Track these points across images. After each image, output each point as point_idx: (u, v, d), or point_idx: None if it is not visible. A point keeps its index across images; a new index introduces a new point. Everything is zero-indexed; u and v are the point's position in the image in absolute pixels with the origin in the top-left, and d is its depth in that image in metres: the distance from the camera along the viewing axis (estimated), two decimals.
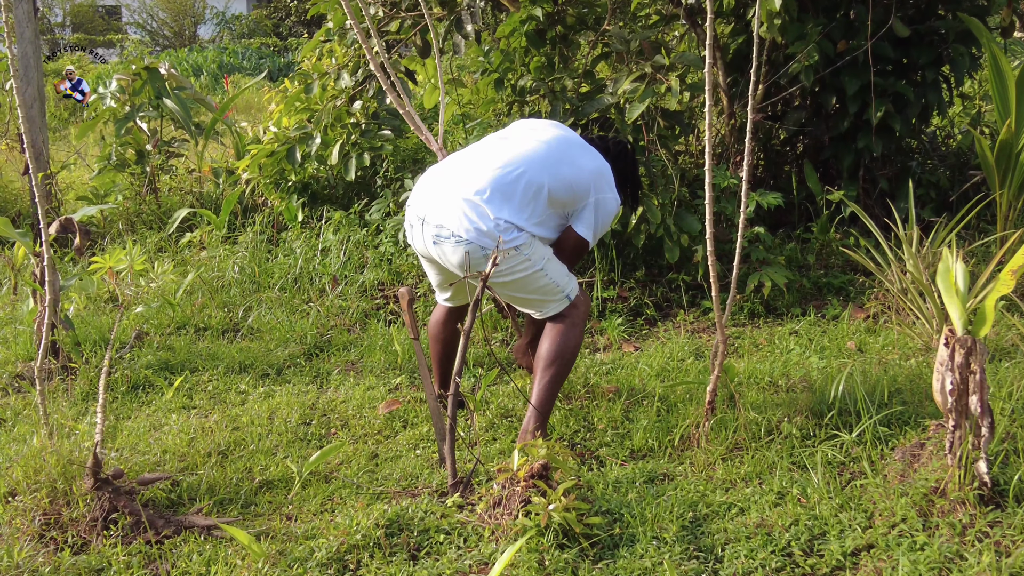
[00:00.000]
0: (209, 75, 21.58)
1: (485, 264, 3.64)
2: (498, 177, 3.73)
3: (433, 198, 3.79)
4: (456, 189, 3.75)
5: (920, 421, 3.81)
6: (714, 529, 3.19)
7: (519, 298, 3.88)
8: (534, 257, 3.75)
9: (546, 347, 3.83)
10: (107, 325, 5.53)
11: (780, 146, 6.96)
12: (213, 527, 3.31)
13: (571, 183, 3.82)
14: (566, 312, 3.87)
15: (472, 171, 3.79)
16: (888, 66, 6.24)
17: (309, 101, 6.83)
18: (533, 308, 3.91)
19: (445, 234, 3.69)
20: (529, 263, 3.73)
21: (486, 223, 3.64)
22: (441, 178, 3.86)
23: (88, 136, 9.67)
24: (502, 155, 3.83)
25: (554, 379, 3.81)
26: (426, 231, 3.78)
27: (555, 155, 3.86)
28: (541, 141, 3.91)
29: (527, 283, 3.78)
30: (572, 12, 6.22)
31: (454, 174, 3.84)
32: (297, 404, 4.50)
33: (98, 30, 32.88)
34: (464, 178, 3.78)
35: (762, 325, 5.45)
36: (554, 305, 3.86)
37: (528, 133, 3.99)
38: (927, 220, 6.05)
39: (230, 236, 7.11)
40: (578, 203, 3.87)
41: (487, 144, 3.98)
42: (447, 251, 3.72)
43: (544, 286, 3.80)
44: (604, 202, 3.92)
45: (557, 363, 3.81)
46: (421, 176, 4.01)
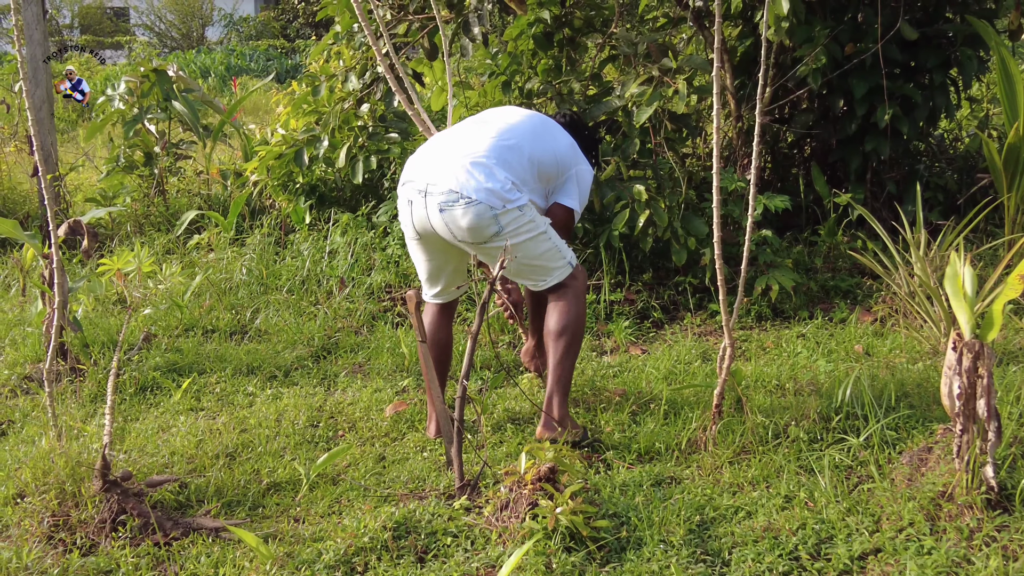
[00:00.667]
0: (217, 77, 21.63)
1: (491, 226, 3.69)
2: (496, 143, 3.84)
3: (436, 167, 3.80)
4: (459, 155, 3.79)
5: (928, 425, 3.81)
6: (721, 533, 3.19)
7: (524, 265, 3.89)
8: (537, 219, 3.83)
9: (554, 320, 3.90)
10: (115, 327, 5.55)
11: (787, 149, 6.96)
12: (221, 529, 3.32)
13: (555, 156, 4.00)
14: (567, 283, 3.93)
15: (469, 140, 3.87)
16: (896, 69, 6.24)
17: (317, 103, 6.84)
18: (537, 277, 3.93)
19: (453, 198, 3.69)
20: (533, 224, 3.80)
21: (494, 182, 3.70)
22: (438, 151, 3.89)
23: (96, 138, 9.71)
24: (493, 127, 3.94)
25: (567, 349, 3.88)
26: (430, 202, 3.76)
27: (539, 130, 4.03)
28: (522, 118, 4.05)
29: (533, 246, 3.82)
30: (579, 15, 6.22)
31: (450, 145, 3.89)
32: (305, 406, 4.51)
33: (106, 32, 32.95)
34: (464, 146, 3.84)
35: (769, 328, 5.45)
36: (557, 273, 3.90)
37: (505, 114, 4.10)
38: (935, 223, 6.05)
39: (238, 238, 7.12)
40: (560, 176, 4.06)
41: (471, 123, 4.05)
42: (456, 216, 3.71)
43: (548, 251, 3.86)
44: (582, 173, 4.14)
45: (568, 333, 3.88)
46: (410, 159, 4.00)
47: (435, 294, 4.16)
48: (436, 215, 3.75)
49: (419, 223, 3.86)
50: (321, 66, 6.96)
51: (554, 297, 3.95)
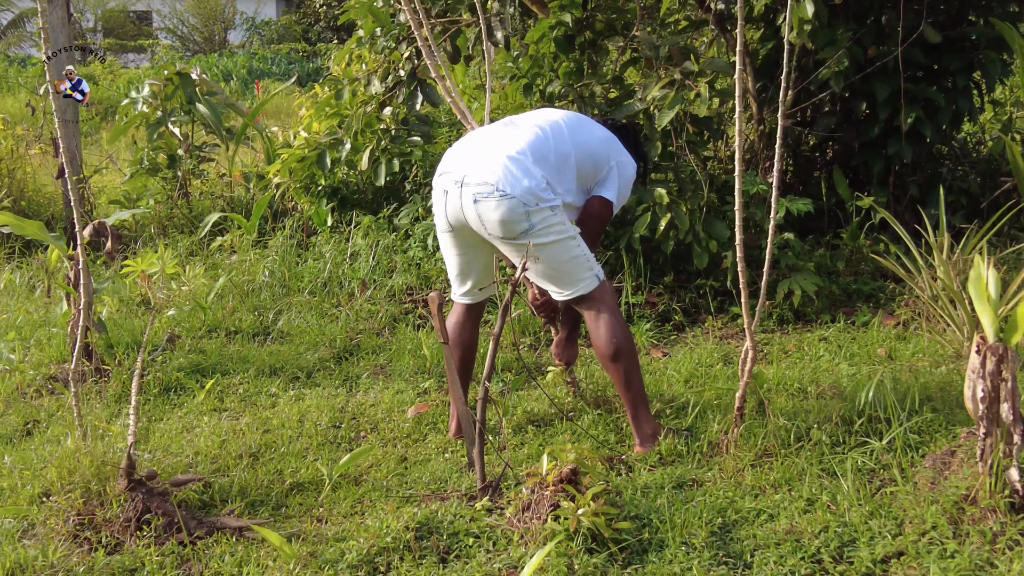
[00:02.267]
0: (239, 80, 21.73)
1: (522, 223, 3.70)
2: (533, 141, 3.85)
3: (474, 159, 3.82)
4: (497, 149, 3.81)
5: (951, 429, 3.80)
6: (743, 535, 3.19)
7: (551, 269, 3.88)
8: (567, 223, 3.82)
9: (603, 342, 3.87)
10: (139, 328, 5.59)
11: (810, 152, 6.94)
12: (245, 528, 3.34)
13: (591, 151, 4.00)
14: (596, 296, 3.89)
15: (508, 136, 3.90)
16: (919, 72, 6.21)
17: (339, 107, 6.87)
18: (563, 284, 3.91)
19: (487, 191, 3.70)
20: (564, 227, 3.79)
21: (530, 179, 3.71)
22: (476, 145, 3.92)
23: (120, 141, 9.77)
24: (529, 126, 3.96)
25: (629, 370, 3.89)
26: (464, 193, 3.77)
27: (572, 126, 4.03)
28: (556, 116, 4.07)
29: (562, 250, 3.81)
30: (601, 18, 6.23)
31: (489, 140, 3.92)
32: (327, 407, 4.53)
33: (129, 35, 33.13)
34: (502, 141, 3.86)
35: (791, 331, 5.44)
36: (584, 284, 3.87)
37: (541, 114, 4.13)
38: (958, 227, 6.01)
39: (260, 240, 7.15)
40: (600, 171, 4.04)
41: (507, 122, 4.08)
42: (488, 209, 3.72)
43: (576, 257, 3.85)
44: (623, 165, 4.11)
45: (623, 356, 3.87)
46: (447, 152, 4.04)
47: (463, 293, 4.16)
48: (470, 206, 3.76)
49: (452, 214, 3.87)
50: (344, 70, 6.98)
51: (589, 317, 3.93)
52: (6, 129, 8.59)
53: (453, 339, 4.12)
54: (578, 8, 6.09)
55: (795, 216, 5.77)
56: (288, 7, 35.95)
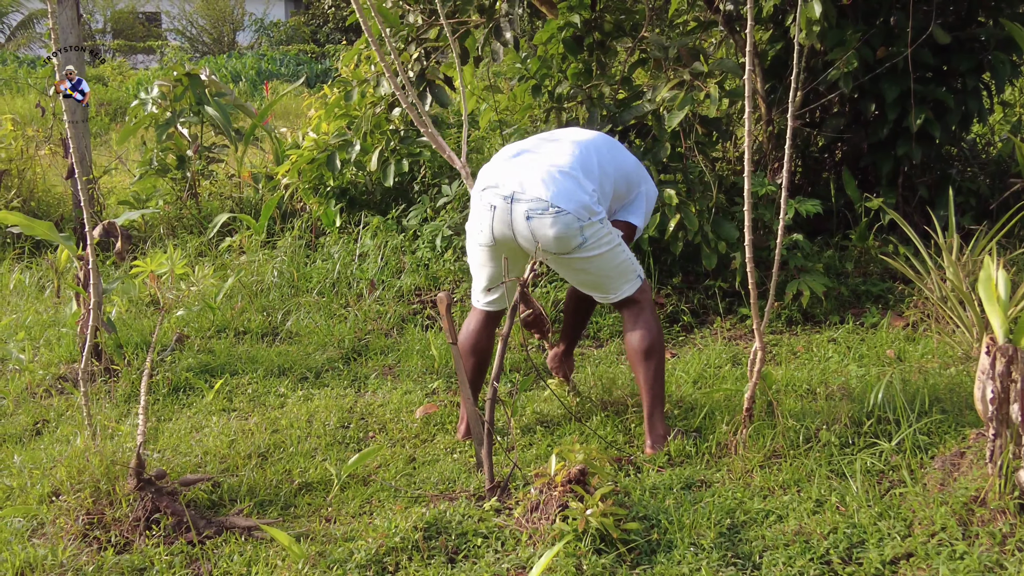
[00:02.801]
0: (247, 81, 21.75)
1: (576, 238, 3.71)
2: (579, 155, 3.86)
3: (523, 174, 3.78)
4: (545, 164, 3.79)
5: (960, 430, 3.79)
6: (752, 536, 3.18)
7: (599, 278, 3.92)
8: (613, 232, 3.86)
9: (638, 340, 3.92)
10: (148, 328, 5.60)
11: (819, 153, 6.93)
12: (254, 528, 3.35)
13: (626, 172, 4.04)
14: (638, 297, 3.95)
15: (551, 151, 3.90)
16: (928, 73, 6.20)
17: (348, 108, 6.88)
18: (608, 290, 3.96)
19: (542, 207, 3.68)
20: (611, 237, 3.83)
21: (583, 193, 3.73)
22: (521, 159, 3.89)
23: (129, 141, 9.78)
24: (569, 142, 3.96)
25: (658, 369, 3.93)
26: (516, 209, 3.73)
27: (609, 147, 4.07)
28: (590, 135, 4.08)
29: (611, 258, 3.85)
30: (610, 19, 6.23)
31: (533, 154, 3.90)
32: (335, 407, 4.54)
33: (138, 36, 33.20)
34: (548, 156, 3.86)
35: (800, 332, 5.43)
36: (628, 286, 3.93)
37: (572, 132, 4.13)
38: (967, 228, 6.01)
39: (269, 241, 7.17)
40: (630, 194, 4.10)
41: (542, 139, 4.07)
42: (543, 226, 3.70)
43: (623, 263, 3.89)
44: (650, 192, 4.19)
45: (655, 353, 3.92)
46: (486, 166, 3.98)
47: (488, 301, 4.13)
48: (522, 222, 3.73)
49: (499, 229, 3.82)
50: (353, 71, 6.99)
51: (629, 315, 3.97)
52: (16, 130, 8.61)
53: (471, 345, 4.11)
54: (587, 9, 6.09)
55: (804, 217, 5.77)
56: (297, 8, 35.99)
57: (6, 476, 3.89)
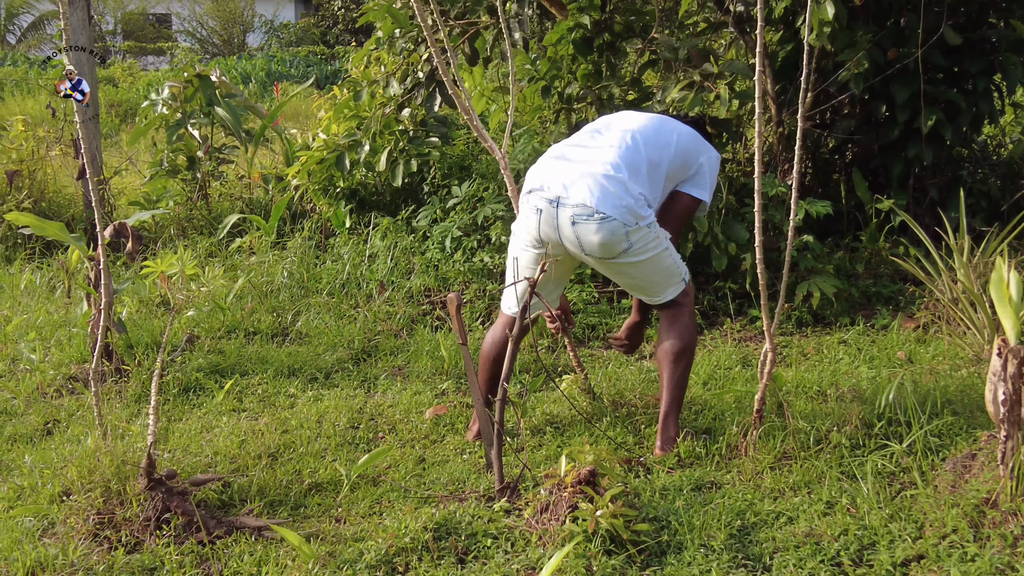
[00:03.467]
0: (257, 82, 21.79)
1: (622, 243, 3.68)
2: (624, 154, 3.80)
3: (569, 178, 3.74)
4: (591, 167, 3.75)
5: (971, 432, 3.77)
6: (762, 538, 3.18)
7: (644, 281, 3.91)
8: (660, 235, 3.82)
9: (671, 342, 3.91)
10: (159, 328, 5.61)
11: (829, 154, 6.92)
12: (264, 528, 3.35)
13: (682, 150, 3.93)
14: (680, 300, 3.94)
15: (599, 151, 3.84)
16: (939, 74, 6.18)
17: (358, 108, 6.88)
18: (653, 292, 3.94)
19: (587, 212, 3.65)
20: (658, 241, 3.80)
21: (629, 198, 3.68)
22: (568, 161, 3.85)
23: (140, 142, 9.81)
24: (618, 134, 3.91)
25: (685, 372, 3.94)
26: (561, 213, 3.70)
27: (660, 128, 3.97)
28: (641, 120, 4.01)
29: (657, 262, 3.83)
30: (620, 20, 6.22)
31: (580, 156, 3.85)
32: (345, 408, 4.55)
33: (148, 38, 33.30)
34: (594, 157, 3.81)
35: (810, 334, 5.42)
36: (672, 290, 3.92)
37: (623, 120, 4.05)
38: (978, 230, 5.99)
39: (279, 242, 7.18)
40: (689, 169, 3.97)
41: (591, 132, 4.01)
42: (588, 231, 3.68)
43: (669, 267, 3.87)
44: (712, 161, 4.06)
45: (685, 356, 3.92)
46: (534, 167, 3.94)
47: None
48: (568, 227, 3.71)
49: (545, 233, 3.80)
50: (362, 72, 7.00)
51: (668, 316, 3.96)
52: (27, 131, 8.64)
53: (495, 354, 4.04)
54: (596, 10, 6.09)
55: (814, 218, 5.76)
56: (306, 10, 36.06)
57: (17, 476, 3.91)
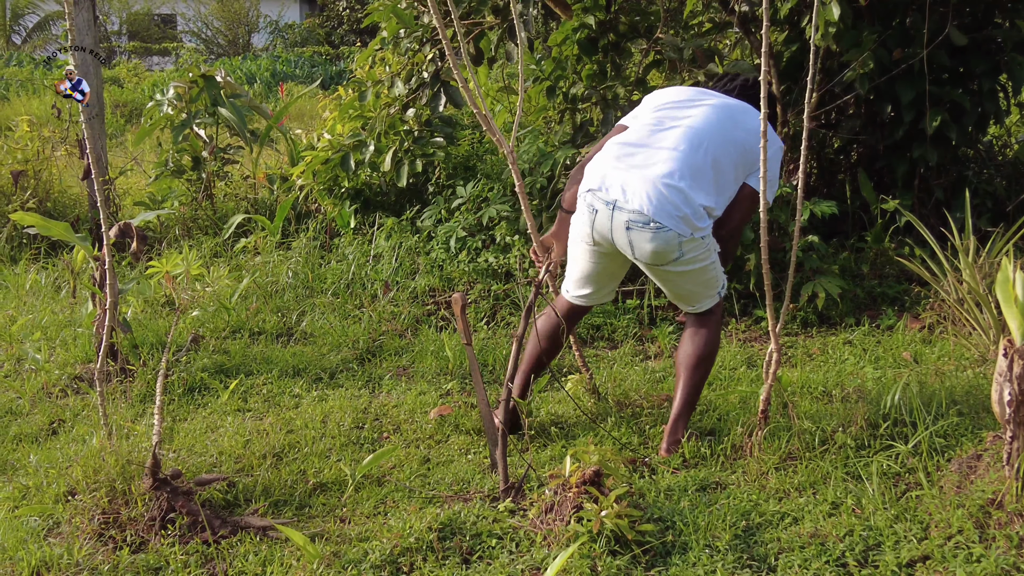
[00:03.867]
0: (262, 83, 21.83)
1: (674, 252, 3.69)
2: (686, 158, 3.74)
3: (628, 182, 3.72)
4: (651, 174, 3.71)
5: (977, 432, 3.77)
6: (767, 538, 3.17)
7: (686, 290, 3.91)
8: (711, 247, 3.82)
9: (693, 349, 3.92)
10: (164, 328, 5.61)
11: (834, 154, 6.91)
12: (269, 528, 3.35)
13: (747, 148, 3.81)
14: (713, 310, 3.96)
15: (659, 153, 3.78)
16: (944, 74, 6.17)
17: (363, 109, 6.89)
18: (692, 301, 3.96)
19: (644, 220, 3.64)
20: (708, 252, 3.80)
21: (688, 208, 3.66)
22: (629, 163, 3.79)
23: (145, 142, 9.82)
24: (681, 136, 3.82)
25: (702, 379, 3.95)
26: (617, 217, 3.69)
27: (726, 125, 3.88)
28: (707, 116, 3.90)
29: (703, 273, 3.84)
30: (624, 20, 6.22)
31: (642, 159, 3.80)
32: (350, 408, 4.55)
33: (154, 38, 33.35)
34: (656, 162, 3.76)
35: (815, 335, 5.42)
36: (708, 301, 3.94)
37: (689, 113, 3.93)
38: (984, 230, 5.98)
39: (284, 242, 7.18)
40: (755, 165, 3.79)
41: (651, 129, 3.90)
42: (642, 239, 3.68)
43: (711, 278, 3.89)
44: (776, 153, 3.94)
45: (704, 365, 3.94)
46: (593, 163, 3.90)
47: (580, 295, 4.12)
48: (621, 232, 3.72)
49: (600, 234, 3.81)
50: (367, 72, 7.00)
51: (696, 323, 3.97)
52: (32, 131, 8.65)
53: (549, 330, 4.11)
54: (601, 10, 6.09)
55: (819, 219, 5.75)
56: (311, 10, 36.09)
57: (22, 475, 3.91)
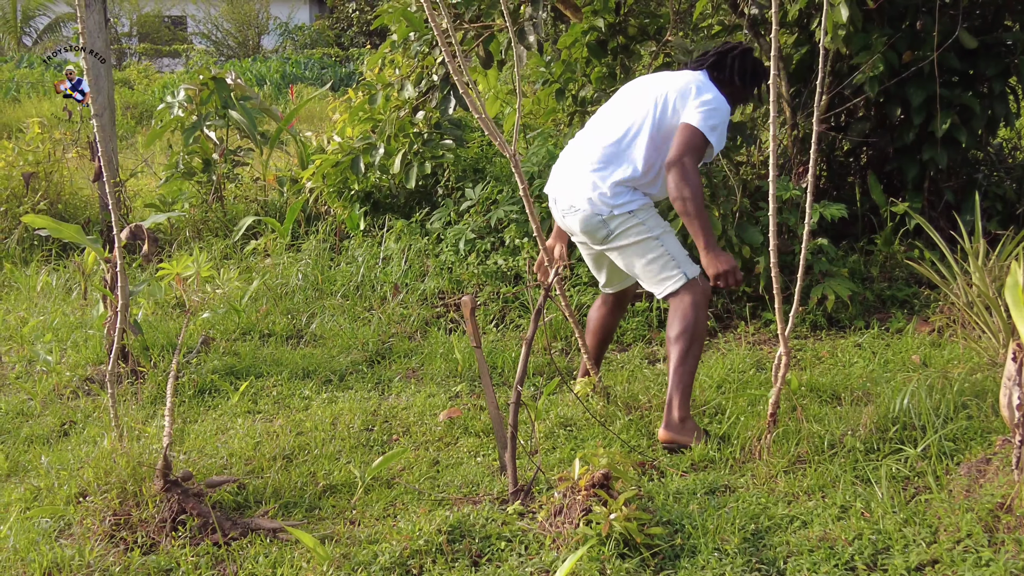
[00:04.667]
0: (272, 85, 21.87)
1: (601, 230, 4.03)
2: (603, 143, 4.09)
3: (559, 179, 4.21)
4: (571, 165, 4.18)
5: (986, 436, 3.76)
6: (776, 542, 3.18)
7: (639, 270, 4.10)
8: (649, 223, 4.02)
9: (672, 325, 4.03)
10: (174, 330, 5.63)
11: (844, 157, 6.91)
12: (279, 530, 3.36)
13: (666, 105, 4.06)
14: (682, 292, 4.02)
15: (582, 149, 4.19)
16: (954, 77, 6.16)
17: (373, 111, 6.90)
18: (651, 284, 4.11)
19: (567, 207, 4.12)
20: (644, 228, 4.01)
21: (602, 188, 4.01)
22: (564, 162, 4.26)
23: (155, 144, 9.85)
24: (601, 124, 4.20)
25: (685, 353, 3.97)
26: (557, 211, 4.22)
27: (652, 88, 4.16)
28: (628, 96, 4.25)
29: (643, 249, 4.03)
30: (634, 23, 6.23)
31: (568, 160, 4.24)
32: (359, 410, 4.56)
33: (164, 40, 33.42)
34: (578, 157, 4.17)
35: (824, 338, 5.41)
36: (671, 283, 4.03)
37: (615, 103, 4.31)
38: (993, 233, 5.96)
39: (294, 244, 7.20)
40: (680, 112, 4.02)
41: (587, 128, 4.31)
42: (573, 223, 4.12)
43: (657, 258, 4.01)
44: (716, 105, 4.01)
45: (684, 337, 3.97)
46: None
47: (602, 285, 4.50)
48: (562, 221, 4.22)
49: (567, 230, 4.27)
50: (377, 75, 7.02)
51: (673, 303, 4.06)
52: (43, 133, 8.69)
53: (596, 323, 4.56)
54: (611, 13, 6.09)
55: (829, 221, 5.75)
56: (321, 12, 36.11)
57: (34, 477, 3.93)
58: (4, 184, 8.10)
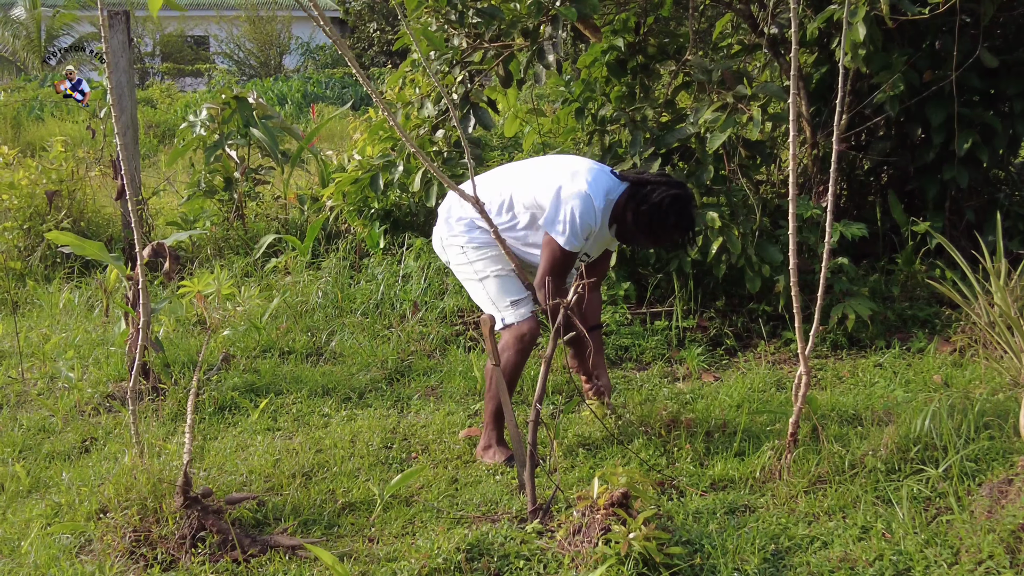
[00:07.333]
0: (293, 104, 22.01)
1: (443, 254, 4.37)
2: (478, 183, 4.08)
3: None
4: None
5: (1008, 457, 3.74)
6: (796, 562, 3.16)
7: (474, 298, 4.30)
8: (477, 265, 4.15)
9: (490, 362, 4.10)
10: (195, 347, 5.66)
11: (864, 176, 6.89)
12: (298, 547, 3.37)
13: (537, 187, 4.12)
14: (504, 335, 4.14)
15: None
16: (975, 96, 6.15)
17: (393, 130, 6.93)
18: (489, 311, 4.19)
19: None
20: (469, 268, 4.16)
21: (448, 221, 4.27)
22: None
23: (177, 163, 9.91)
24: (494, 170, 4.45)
25: (491, 390, 4.14)
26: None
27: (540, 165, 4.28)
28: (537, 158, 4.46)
29: (467, 284, 4.27)
30: (653, 42, 6.24)
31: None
32: (379, 428, 4.57)
33: (186, 59, 33.71)
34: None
35: (845, 357, 5.39)
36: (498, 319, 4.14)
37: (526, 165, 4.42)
38: (1015, 253, 5.93)
39: (314, 262, 7.23)
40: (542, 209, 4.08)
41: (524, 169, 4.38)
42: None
43: (478, 296, 4.21)
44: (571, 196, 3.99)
45: (492, 377, 4.07)
46: None
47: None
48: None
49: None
50: (397, 93, 7.05)
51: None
52: (67, 151, 8.76)
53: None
54: (630, 32, 6.11)
55: (849, 240, 5.73)
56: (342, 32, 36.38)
57: (55, 493, 3.95)
58: (28, 202, 8.16)
